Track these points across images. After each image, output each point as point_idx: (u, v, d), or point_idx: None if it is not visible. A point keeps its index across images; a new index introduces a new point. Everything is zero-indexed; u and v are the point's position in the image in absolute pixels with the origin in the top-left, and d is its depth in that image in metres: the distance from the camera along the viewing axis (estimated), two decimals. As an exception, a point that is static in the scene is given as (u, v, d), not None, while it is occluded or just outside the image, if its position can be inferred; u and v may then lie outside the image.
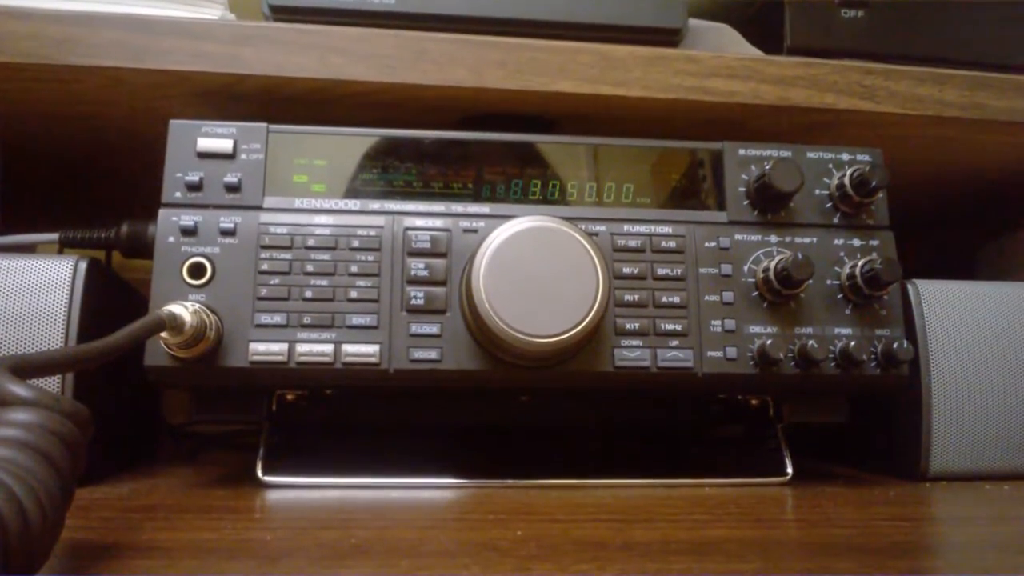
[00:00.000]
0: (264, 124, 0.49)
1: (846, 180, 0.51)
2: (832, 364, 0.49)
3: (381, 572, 0.30)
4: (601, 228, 0.49)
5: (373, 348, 0.46)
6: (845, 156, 0.52)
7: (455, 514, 0.44)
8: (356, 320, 0.47)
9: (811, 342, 0.48)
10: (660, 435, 0.72)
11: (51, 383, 0.45)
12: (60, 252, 0.55)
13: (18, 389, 0.28)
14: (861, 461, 0.60)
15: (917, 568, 0.34)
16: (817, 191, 0.52)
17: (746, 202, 0.51)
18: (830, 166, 0.52)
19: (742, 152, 0.52)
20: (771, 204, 0.51)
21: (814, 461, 0.61)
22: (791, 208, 0.51)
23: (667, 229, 0.50)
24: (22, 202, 0.75)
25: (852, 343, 0.48)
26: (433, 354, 0.47)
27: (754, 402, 0.56)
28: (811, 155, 0.52)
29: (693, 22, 0.59)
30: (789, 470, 0.53)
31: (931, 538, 0.41)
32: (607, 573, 0.30)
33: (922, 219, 0.82)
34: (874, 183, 0.50)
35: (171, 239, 0.47)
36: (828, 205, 0.52)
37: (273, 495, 0.46)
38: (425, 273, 0.48)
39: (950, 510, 0.47)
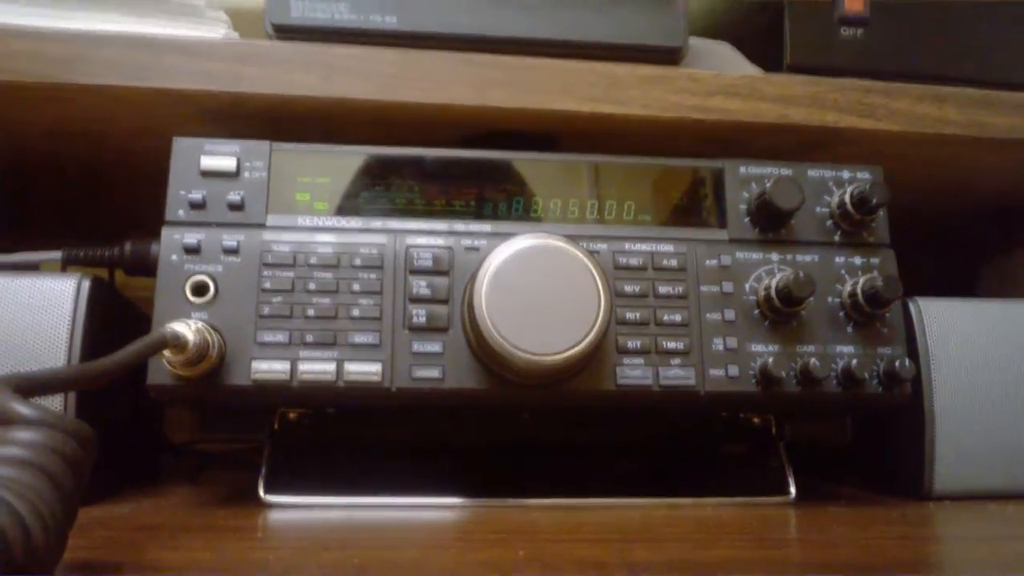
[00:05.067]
0: (267, 142, 0.49)
1: (847, 198, 0.51)
2: (834, 382, 0.49)
3: (383, 592, 0.30)
4: (602, 246, 0.50)
5: (375, 366, 0.46)
6: (845, 174, 0.53)
7: (457, 534, 0.43)
8: (358, 338, 0.47)
9: (813, 360, 0.48)
10: (662, 454, 0.72)
11: (54, 402, 0.45)
12: (63, 270, 0.55)
13: (21, 408, 0.28)
14: (864, 480, 0.60)
15: (921, 588, 0.34)
16: (818, 209, 0.52)
17: (747, 220, 0.51)
18: (831, 184, 0.52)
19: (743, 170, 0.52)
20: (772, 222, 0.51)
21: (817, 480, 0.61)
22: (792, 226, 0.51)
23: (668, 247, 0.50)
24: (25, 220, 0.76)
25: (854, 361, 0.48)
26: (435, 372, 0.46)
27: (756, 420, 0.56)
28: (812, 173, 0.52)
29: (693, 41, 0.59)
30: (792, 489, 0.52)
31: (934, 558, 0.41)
32: (610, 593, 0.30)
33: (923, 237, 0.82)
34: (875, 201, 0.50)
35: (174, 257, 0.47)
36: (829, 223, 0.52)
37: (275, 514, 0.46)
38: (427, 291, 0.48)
39: (953, 530, 0.47)
